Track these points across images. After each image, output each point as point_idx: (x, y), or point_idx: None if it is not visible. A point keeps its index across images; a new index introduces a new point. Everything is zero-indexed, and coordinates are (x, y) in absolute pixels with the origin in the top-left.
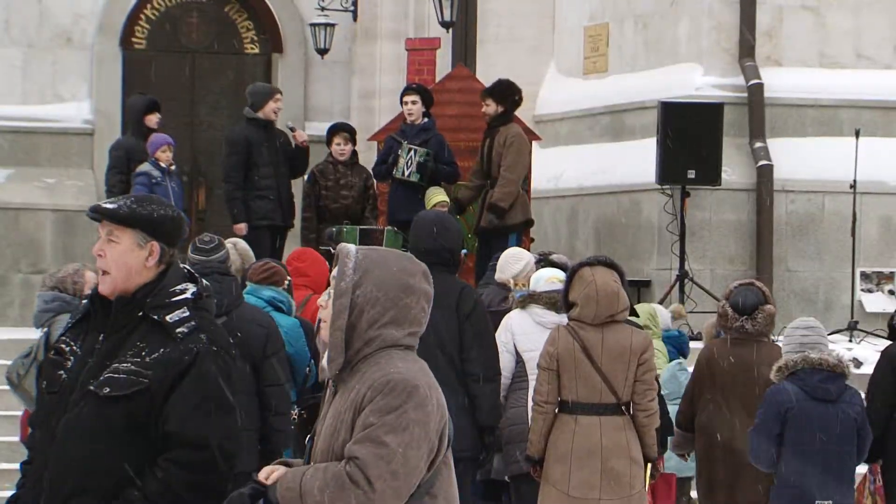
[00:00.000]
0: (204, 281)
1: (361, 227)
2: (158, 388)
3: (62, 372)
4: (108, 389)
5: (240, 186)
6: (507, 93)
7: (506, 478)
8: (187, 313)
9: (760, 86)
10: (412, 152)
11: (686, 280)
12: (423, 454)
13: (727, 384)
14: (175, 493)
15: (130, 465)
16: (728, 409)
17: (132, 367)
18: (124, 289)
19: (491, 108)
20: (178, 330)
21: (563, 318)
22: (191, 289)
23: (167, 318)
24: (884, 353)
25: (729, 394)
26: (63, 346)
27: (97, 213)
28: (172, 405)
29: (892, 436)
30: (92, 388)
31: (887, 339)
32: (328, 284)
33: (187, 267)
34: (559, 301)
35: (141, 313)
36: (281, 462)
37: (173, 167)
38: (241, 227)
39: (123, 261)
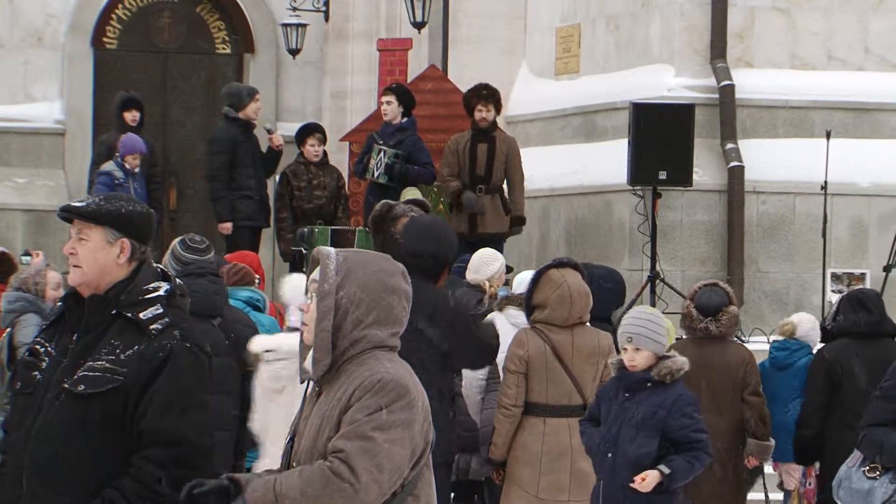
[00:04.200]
0: (177, 279)
1: (333, 227)
2: (133, 385)
3: (37, 373)
4: (83, 387)
5: (226, 186)
6: (500, 98)
7: (482, 478)
8: (161, 310)
9: (732, 87)
10: (382, 153)
11: (657, 281)
12: (407, 454)
13: (694, 383)
14: (152, 491)
15: (108, 463)
16: None
17: (107, 364)
18: (97, 287)
19: (491, 113)
20: (153, 327)
21: None
22: (164, 286)
23: (141, 315)
24: (817, 355)
25: (695, 392)
26: (38, 347)
27: (66, 212)
28: (147, 402)
29: (828, 440)
30: (67, 386)
31: (821, 341)
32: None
33: (160, 266)
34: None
35: (114, 311)
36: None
37: (137, 170)
38: (228, 227)
39: (94, 258)
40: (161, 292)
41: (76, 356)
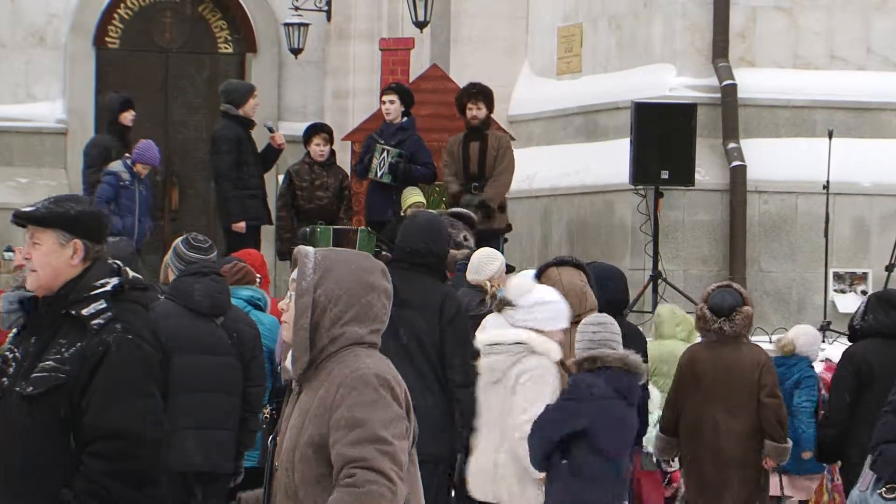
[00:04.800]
0: (131, 273)
1: (335, 227)
2: (76, 383)
3: (5, 379)
4: (31, 389)
5: (236, 185)
6: (492, 96)
7: None
8: (104, 305)
9: (734, 86)
10: (385, 153)
11: (659, 280)
12: (406, 446)
13: (710, 386)
14: (100, 486)
15: (65, 462)
16: (712, 410)
17: (53, 363)
18: (51, 289)
19: (483, 111)
20: (94, 322)
21: None
22: (112, 282)
23: (83, 311)
24: (845, 353)
25: (712, 395)
26: (7, 352)
27: (17, 218)
28: (88, 398)
29: (852, 438)
30: (18, 389)
31: (849, 340)
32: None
33: (116, 262)
34: None
35: (64, 311)
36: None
37: (143, 175)
38: (242, 226)
39: (47, 261)
40: (108, 287)
41: (33, 358)
